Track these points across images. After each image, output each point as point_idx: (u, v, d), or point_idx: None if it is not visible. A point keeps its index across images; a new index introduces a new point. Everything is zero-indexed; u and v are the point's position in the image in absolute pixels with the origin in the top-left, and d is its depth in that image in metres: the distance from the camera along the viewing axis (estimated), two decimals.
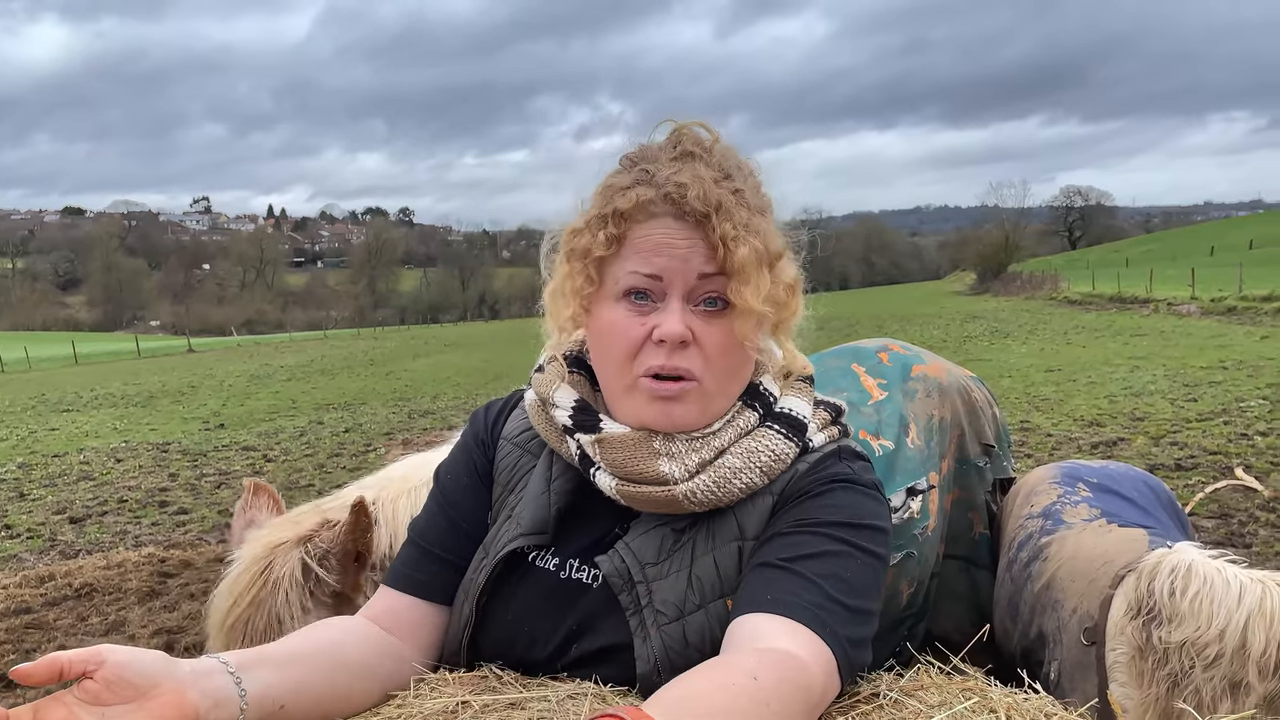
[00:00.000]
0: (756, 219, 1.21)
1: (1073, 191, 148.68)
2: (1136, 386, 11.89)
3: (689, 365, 1.19)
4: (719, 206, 1.17)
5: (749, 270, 1.17)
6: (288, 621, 1.73)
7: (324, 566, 1.79)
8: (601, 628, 1.23)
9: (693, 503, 1.21)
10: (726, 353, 1.21)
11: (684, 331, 1.18)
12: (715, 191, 1.18)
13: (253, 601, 1.76)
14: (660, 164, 1.22)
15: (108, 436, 13.89)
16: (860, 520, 1.20)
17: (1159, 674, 1.57)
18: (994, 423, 2.32)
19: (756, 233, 1.19)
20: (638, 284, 1.20)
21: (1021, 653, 1.96)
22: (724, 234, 1.16)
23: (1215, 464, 7.31)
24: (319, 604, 1.78)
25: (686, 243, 1.18)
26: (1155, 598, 1.61)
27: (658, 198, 1.19)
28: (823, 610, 1.10)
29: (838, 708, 1.13)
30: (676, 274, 1.18)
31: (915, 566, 2.03)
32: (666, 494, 1.21)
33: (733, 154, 1.26)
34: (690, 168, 1.20)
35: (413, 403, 15.89)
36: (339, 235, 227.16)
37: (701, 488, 1.21)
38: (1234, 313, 23.70)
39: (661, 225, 1.19)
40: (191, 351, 49.38)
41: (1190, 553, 1.66)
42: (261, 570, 1.79)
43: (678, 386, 1.20)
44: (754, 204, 1.22)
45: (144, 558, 6.24)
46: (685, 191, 1.17)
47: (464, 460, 1.44)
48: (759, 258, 1.18)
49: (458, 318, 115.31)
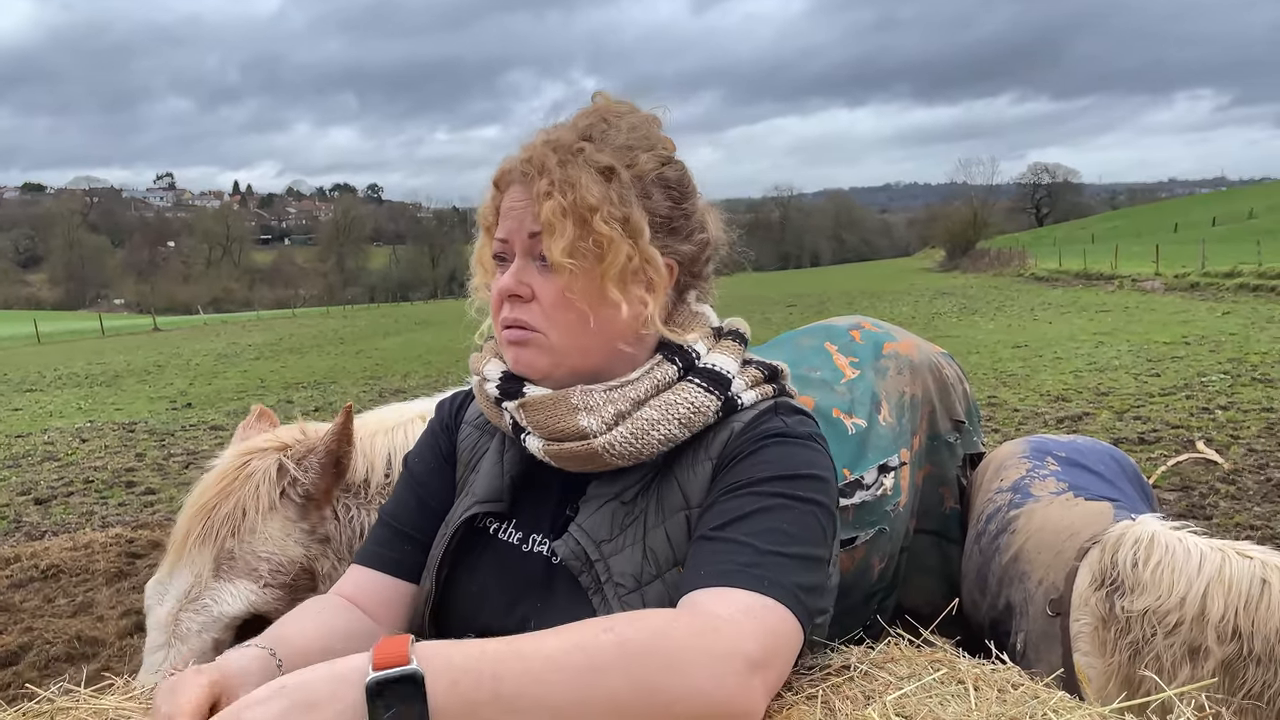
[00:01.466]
0: (584, 175, 1.21)
1: (1040, 169, 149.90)
2: (1101, 362, 12.06)
3: (528, 318, 1.25)
4: (541, 167, 1.22)
5: (553, 223, 1.20)
6: (251, 514, 1.73)
7: (302, 466, 1.78)
8: (563, 603, 1.24)
9: (613, 454, 1.22)
10: (558, 307, 1.23)
11: (511, 285, 1.25)
12: (542, 153, 1.24)
13: (221, 490, 1.75)
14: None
15: (72, 416, 13.69)
16: (794, 471, 1.19)
17: (1121, 643, 1.60)
18: (964, 399, 2.35)
19: (572, 187, 1.20)
20: (497, 249, 1.30)
21: (989, 624, 2.00)
22: (537, 191, 1.22)
23: (1177, 438, 7.45)
24: (288, 503, 1.77)
25: (524, 203, 1.25)
26: (1119, 569, 1.65)
27: (514, 165, 1.28)
28: (757, 567, 1.09)
29: (809, 680, 1.15)
30: (515, 234, 1.26)
31: (886, 542, 2.05)
32: (586, 448, 1.22)
33: (622, 120, 1.29)
34: (551, 132, 1.28)
35: (383, 381, 15.79)
36: (306, 212, 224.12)
37: (619, 439, 1.22)
38: (1197, 289, 24.08)
39: (513, 192, 1.27)
40: (157, 330, 48.67)
41: (1153, 524, 1.70)
42: (238, 466, 1.79)
43: (520, 334, 1.26)
44: (595, 160, 1.23)
45: (111, 538, 6.18)
46: (524, 150, 1.26)
47: (430, 444, 1.48)
48: (563, 211, 1.20)
49: (428, 295, 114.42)
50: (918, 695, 1.06)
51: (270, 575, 1.71)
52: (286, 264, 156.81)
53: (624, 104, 1.33)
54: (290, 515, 1.77)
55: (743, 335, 1.37)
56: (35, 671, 4.16)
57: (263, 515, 1.74)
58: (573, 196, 1.20)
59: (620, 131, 1.28)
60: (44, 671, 4.17)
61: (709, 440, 1.26)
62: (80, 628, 4.60)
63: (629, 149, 1.27)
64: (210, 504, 1.74)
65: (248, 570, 1.70)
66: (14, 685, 3.99)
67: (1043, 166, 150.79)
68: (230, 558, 1.70)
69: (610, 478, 1.27)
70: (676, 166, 1.31)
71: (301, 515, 1.78)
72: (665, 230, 1.28)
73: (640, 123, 1.31)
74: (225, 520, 1.72)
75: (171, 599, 1.67)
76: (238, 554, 1.71)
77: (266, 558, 1.72)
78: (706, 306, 1.39)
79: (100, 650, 4.40)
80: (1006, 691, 1.07)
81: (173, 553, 1.73)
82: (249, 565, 1.71)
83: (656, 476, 1.26)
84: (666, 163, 1.30)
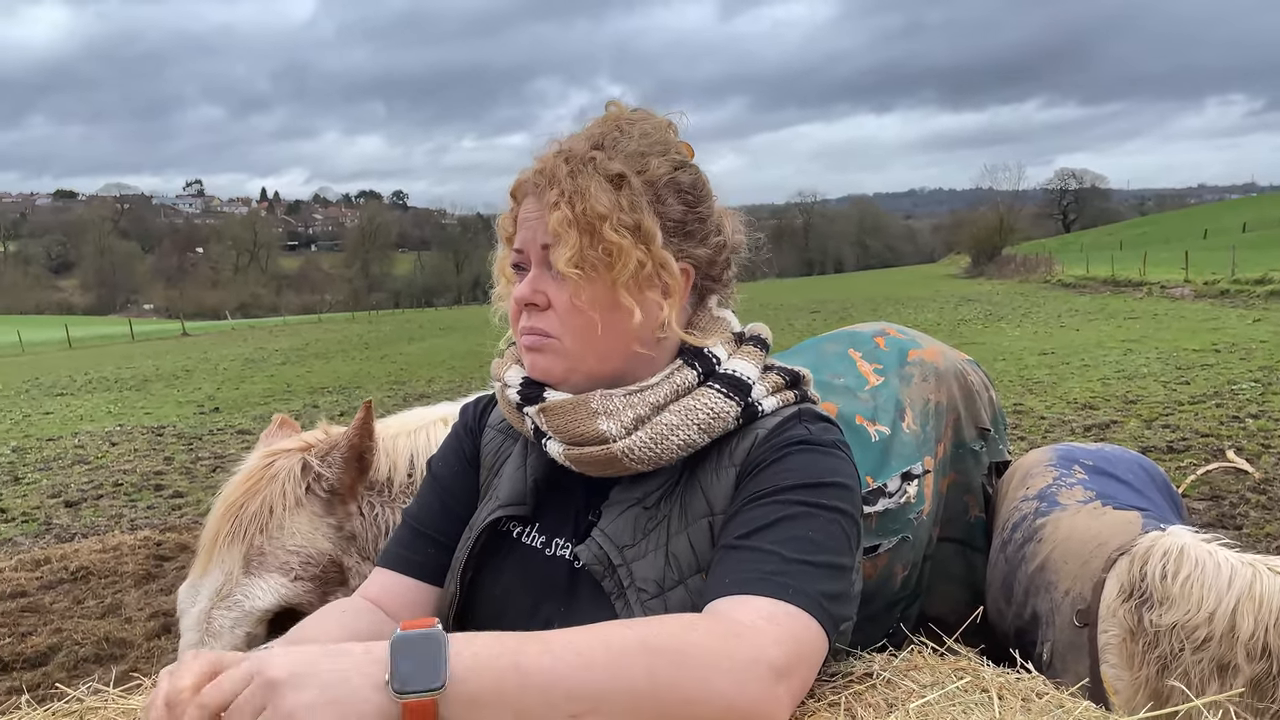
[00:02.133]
0: (593, 184, 1.22)
1: (1067, 174, 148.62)
2: (1129, 369, 11.93)
3: (544, 325, 1.26)
4: (552, 177, 1.24)
5: (560, 233, 1.21)
6: (279, 511, 1.76)
7: (326, 462, 1.82)
8: (586, 607, 1.24)
9: (632, 459, 1.22)
10: (573, 313, 1.24)
11: (527, 294, 1.26)
12: (554, 164, 1.25)
13: (248, 490, 1.78)
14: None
15: (102, 420, 13.87)
16: (819, 479, 1.19)
17: (1149, 656, 1.58)
18: (990, 406, 2.33)
19: (581, 196, 1.21)
20: (514, 259, 1.31)
21: (1014, 633, 1.98)
22: (547, 202, 1.23)
23: (1207, 446, 7.36)
24: (314, 498, 1.80)
25: (538, 213, 1.26)
26: (1147, 580, 1.63)
27: (527, 177, 1.29)
28: (781, 575, 1.09)
29: (832, 687, 1.14)
30: (529, 245, 1.27)
31: (910, 550, 2.04)
32: (605, 452, 1.22)
33: (634, 127, 1.30)
34: (565, 142, 1.29)
35: (408, 386, 15.88)
36: (333, 218, 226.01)
37: (639, 444, 1.22)
38: (1227, 295, 23.75)
39: (528, 203, 1.29)
40: (186, 335, 49.24)
41: (1183, 536, 1.67)
42: (264, 466, 1.83)
43: (537, 339, 1.27)
44: (606, 169, 1.23)
45: (140, 541, 6.25)
46: (538, 168, 1.28)
47: (454, 448, 1.49)
48: (569, 222, 1.21)
49: (452, 301, 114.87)
50: (941, 703, 1.05)
51: (300, 568, 1.74)
52: (313, 270, 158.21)
53: (639, 111, 1.34)
54: (317, 510, 1.80)
55: (764, 341, 1.37)
56: (64, 672, 4.22)
57: (289, 511, 1.76)
58: (581, 206, 1.21)
59: (632, 138, 1.29)
60: (73, 672, 4.22)
61: (733, 447, 1.26)
62: (109, 629, 4.66)
63: (641, 155, 1.27)
64: (238, 503, 1.77)
65: (278, 565, 1.73)
66: (43, 685, 4.04)
67: (1070, 172, 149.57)
68: (260, 554, 1.73)
69: (633, 482, 1.27)
70: (690, 170, 1.32)
71: (328, 510, 1.81)
72: (679, 234, 1.28)
73: (653, 129, 1.31)
74: (253, 518, 1.74)
75: (204, 598, 1.70)
76: (267, 550, 1.73)
77: (295, 551, 1.75)
78: (728, 312, 1.39)
79: (128, 651, 4.45)
80: (1031, 701, 1.06)
81: (203, 555, 1.76)
82: (279, 560, 1.73)
83: (680, 482, 1.26)
84: (680, 167, 1.30)
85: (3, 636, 4.63)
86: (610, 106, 1.35)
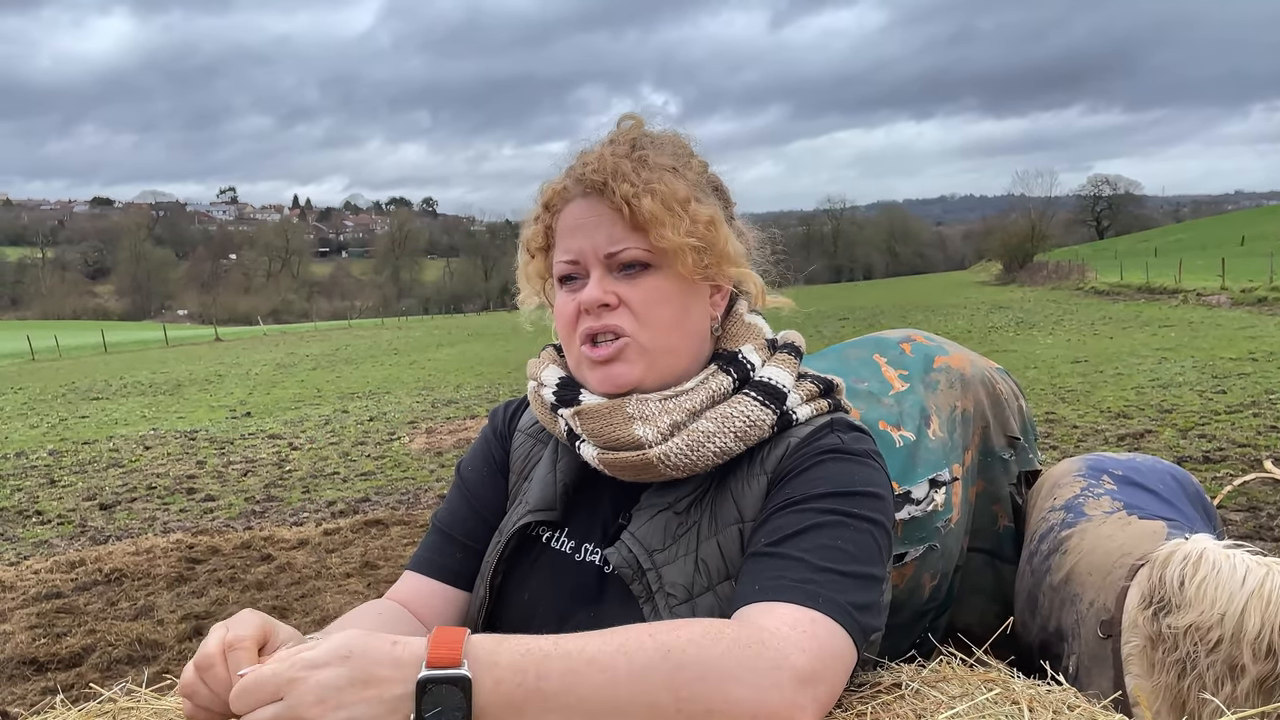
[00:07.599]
0: (660, 175, 1.24)
1: (1101, 180, 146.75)
2: (1164, 378, 11.76)
3: (618, 322, 1.24)
4: (615, 171, 1.23)
5: (660, 215, 1.21)
6: None
7: None
8: (614, 612, 1.24)
9: (668, 465, 1.22)
10: (652, 306, 1.24)
11: (601, 295, 1.23)
12: (611, 159, 1.24)
13: None
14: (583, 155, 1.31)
15: (137, 424, 14.06)
16: (851, 488, 1.18)
17: (1169, 660, 1.56)
18: (1019, 415, 2.30)
19: (661, 182, 1.22)
20: (564, 270, 1.28)
21: (1040, 645, 1.95)
22: (624, 194, 1.22)
23: (1244, 456, 7.23)
24: None
25: (595, 218, 1.25)
26: (1166, 586, 1.60)
27: (569, 182, 1.28)
28: (810, 584, 1.08)
29: (859, 697, 1.14)
30: (589, 249, 1.25)
31: (938, 559, 2.02)
32: (641, 458, 1.22)
33: (660, 136, 1.32)
34: (598, 148, 1.29)
35: (436, 392, 15.97)
36: (363, 225, 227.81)
37: (675, 450, 1.22)
38: (1265, 303, 23.35)
39: (574, 208, 1.27)
40: (219, 340, 49.82)
41: (1205, 541, 1.65)
42: None
43: (611, 347, 1.25)
44: (659, 163, 1.25)
45: (172, 544, 6.33)
46: (585, 167, 1.26)
47: (483, 452, 1.49)
48: (665, 202, 1.21)
49: (480, 307, 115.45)
50: (970, 715, 1.04)
51: None
52: (343, 276, 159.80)
53: (633, 116, 1.36)
54: None
55: (798, 349, 1.37)
56: (98, 673, 4.27)
57: None
58: (665, 190, 1.22)
59: (665, 145, 1.31)
60: (106, 673, 4.28)
61: (764, 454, 1.25)
62: (141, 630, 4.72)
63: (676, 155, 1.30)
64: None
65: None
66: (77, 686, 4.10)
67: (1103, 178, 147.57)
68: None
69: (664, 487, 1.27)
70: (715, 177, 1.36)
71: None
72: None
73: (672, 139, 1.34)
74: None
75: None
76: None
77: None
78: (759, 318, 1.40)
79: (160, 653, 4.50)
80: (1062, 713, 1.05)
81: None
82: None
83: (711, 488, 1.26)
84: (708, 169, 1.35)
85: (38, 637, 4.71)
86: (624, 121, 1.35)
